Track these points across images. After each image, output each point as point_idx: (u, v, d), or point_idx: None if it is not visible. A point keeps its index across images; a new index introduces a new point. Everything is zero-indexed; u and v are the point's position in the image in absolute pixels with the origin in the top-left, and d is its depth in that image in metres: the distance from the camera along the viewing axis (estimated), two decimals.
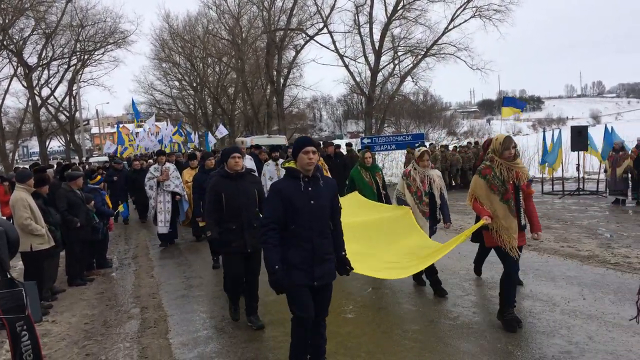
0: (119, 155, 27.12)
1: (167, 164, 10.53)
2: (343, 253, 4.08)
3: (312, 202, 3.82)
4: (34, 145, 48.96)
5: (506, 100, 19.07)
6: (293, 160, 4.00)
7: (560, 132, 16.18)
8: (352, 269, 4.11)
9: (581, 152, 15.50)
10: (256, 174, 9.62)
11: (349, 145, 16.36)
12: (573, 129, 15.28)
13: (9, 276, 1.64)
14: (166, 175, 10.23)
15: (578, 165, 15.70)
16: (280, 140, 22.67)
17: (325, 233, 3.91)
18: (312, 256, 3.81)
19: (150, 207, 10.86)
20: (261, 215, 5.27)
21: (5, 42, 30.86)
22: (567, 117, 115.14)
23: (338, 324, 5.41)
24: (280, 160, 9.90)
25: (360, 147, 19.20)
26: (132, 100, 28.87)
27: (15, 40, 31.84)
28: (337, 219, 4.08)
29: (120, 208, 11.20)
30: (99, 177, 9.60)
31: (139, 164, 14.56)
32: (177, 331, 5.59)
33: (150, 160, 11.60)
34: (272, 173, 9.77)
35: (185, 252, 9.92)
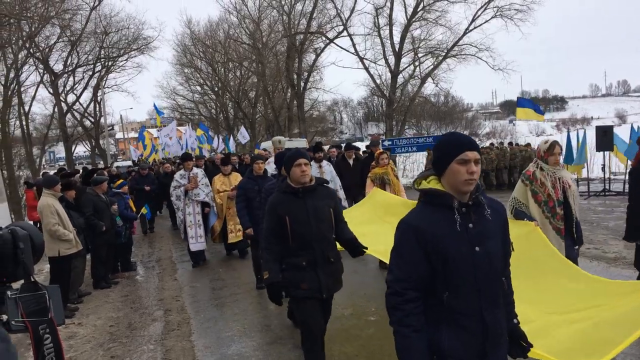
0: (143, 159, 27.45)
1: (195, 170, 9.11)
2: (515, 321, 2.41)
3: (476, 248, 2.16)
4: (60, 150, 49.80)
5: (520, 102, 18.10)
6: (434, 175, 2.28)
7: (585, 132, 15.91)
8: (531, 345, 2.40)
9: (607, 152, 15.22)
10: (331, 185, 8.45)
11: (369, 147, 16.24)
12: (598, 129, 14.99)
13: (32, 280, 1.67)
14: (194, 183, 8.83)
15: (603, 165, 15.41)
16: (302, 143, 22.70)
17: (498, 299, 2.26)
18: (484, 341, 2.17)
19: (178, 219, 9.49)
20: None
21: (32, 50, 31.59)
22: (591, 117, 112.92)
23: (360, 326, 5.39)
24: (324, 163, 8.63)
25: (381, 149, 19.06)
26: (154, 105, 29.32)
27: (41, 48, 32.54)
28: (508, 271, 2.43)
29: (143, 210, 11.25)
30: (121, 180, 9.69)
31: (170, 166, 13.94)
32: (200, 333, 5.65)
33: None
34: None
35: (208, 255, 9.97)
